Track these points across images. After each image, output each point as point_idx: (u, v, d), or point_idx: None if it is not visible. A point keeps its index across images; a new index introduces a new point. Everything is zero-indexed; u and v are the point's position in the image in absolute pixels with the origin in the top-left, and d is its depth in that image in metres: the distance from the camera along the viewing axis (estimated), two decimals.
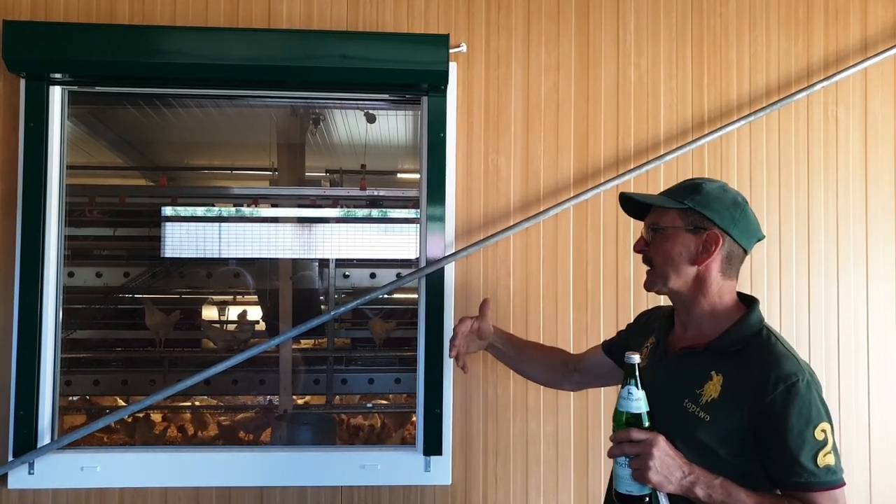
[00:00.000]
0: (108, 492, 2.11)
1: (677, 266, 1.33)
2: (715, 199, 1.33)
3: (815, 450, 1.19)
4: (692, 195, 1.33)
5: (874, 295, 2.31)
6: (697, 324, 1.36)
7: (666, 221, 1.35)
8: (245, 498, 2.15)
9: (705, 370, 1.30)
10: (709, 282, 1.33)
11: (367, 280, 4.63)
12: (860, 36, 2.33)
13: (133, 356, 4.57)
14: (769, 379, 1.21)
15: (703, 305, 1.34)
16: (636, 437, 1.18)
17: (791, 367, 1.23)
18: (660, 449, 1.17)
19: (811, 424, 1.19)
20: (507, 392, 2.21)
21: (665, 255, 1.34)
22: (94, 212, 4.64)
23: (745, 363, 1.26)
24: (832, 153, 2.32)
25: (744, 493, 1.18)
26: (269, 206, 4.53)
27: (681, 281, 1.34)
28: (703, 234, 1.32)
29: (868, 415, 2.29)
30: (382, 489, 2.17)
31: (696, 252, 1.32)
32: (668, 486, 1.17)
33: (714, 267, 1.33)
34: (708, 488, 1.18)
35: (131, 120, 4.28)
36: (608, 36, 2.28)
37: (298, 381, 4.33)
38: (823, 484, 1.19)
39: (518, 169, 2.24)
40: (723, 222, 1.32)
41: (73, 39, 2.05)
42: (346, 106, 3.78)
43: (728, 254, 1.33)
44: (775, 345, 1.28)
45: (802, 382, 1.21)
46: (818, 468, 1.19)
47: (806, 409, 1.20)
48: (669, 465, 1.17)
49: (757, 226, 1.38)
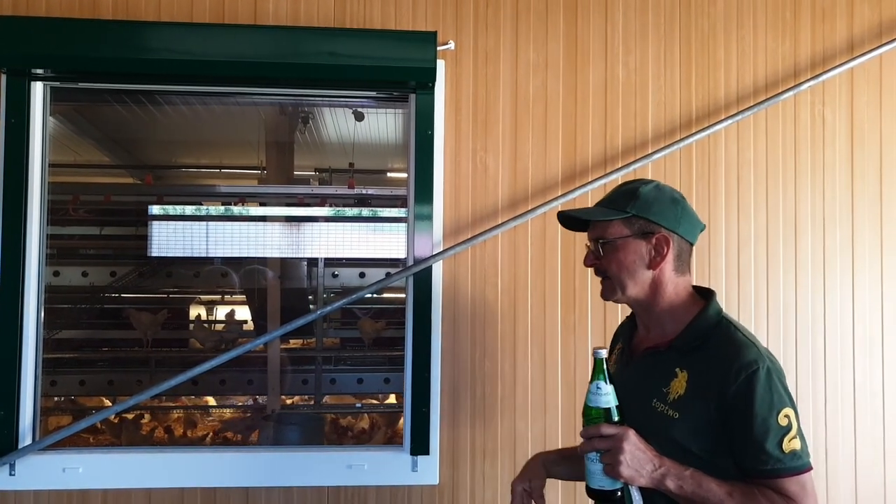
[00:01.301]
0: (91, 493, 2.09)
1: (634, 274, 1.34)
2: (655, 201, 1.34)
3: (780, 436, 1.19)
4: (632, 201, 1.34)
5: (860, 293, 2.32)
6: (659, 323, 1.37)
7: (613, 233, 1.35)
8: (230, 498, 2.13)
9: (670, 368, 1.31)
10: (665, 282, 1.34)
11: (357, 279, 4.61)
12: (846, 36, 2.34)
13: (119, 356, 4.53)
14: (731, 370, 1.22)
15: (661, 305, 1.36)
16: (606, 431, 1.18)
17: (751, 355, 1.24)
18: (630, 443, 1.17)
19: (774, 410, 1.20)
20: (494, 392, 2.20)
21: (620, 264, 1.34)
22: (81, 210, 4.59)
23: (708, 357, 1.27)
24: (819, 152, 2.32)
25: (714, 482, 1.19)
26: (258, 204, 4.50)
27: (638, 287, 1.35)
28: (652, 238, 1.33)
29: (854, 411, 2.30)
30: (369, 489, 2.16)
31: (650, 257, 1.33)
32: (639, 480, 1.18)
33: (668, 268, 1.34)
34: (679, 480, 1.18)
35: (118, 118, 4.24)
36: (596, 34, 2.27)
37: (287, 381, 4.30)
38: (790, 469, 1.19)
39: (506, 167, 2.24)
40: (668, 223, 1.33)
41: (55, 34, 2.02)
42: (334, 104, 3.76)
43: (678, 252, 1.35)
44: (734, 334, 1.29)
45: (763, 370, 1.22)
46: (784, 454, 1.19)
47: (768, 396, 1.20)
48: (640, 459, 1.17)
49: (697, 217, 1.39)
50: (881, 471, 2.29)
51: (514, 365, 2.21)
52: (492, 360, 2.21)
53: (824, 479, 2.27)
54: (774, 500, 1.19)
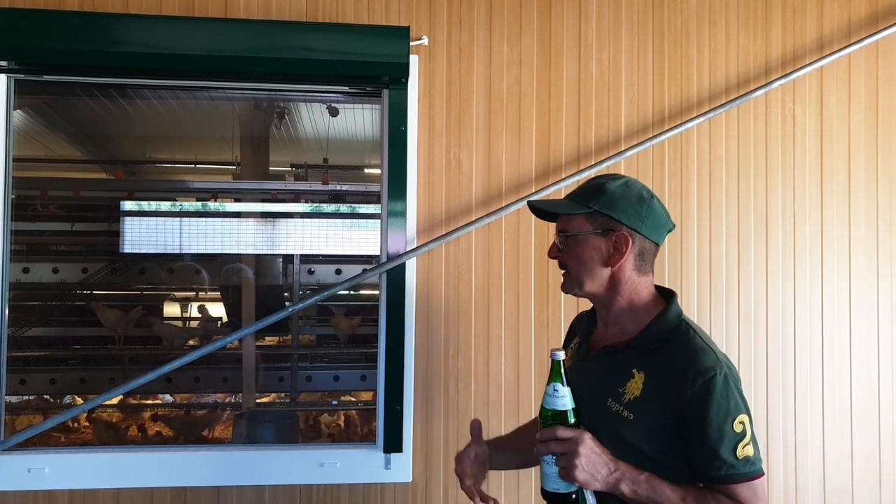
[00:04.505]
0: (58, 494, 2.05)
1: (591, 270, 1.33)
2: (619, 199, 1.32)
3: (735, 442, 1.20)
4: (597, 197, 1.33)
5: (829, 288, 2.35)
6: (618, 322, 1.36)
7: (575, 227, 1.35)
8: (201, 498, 2.10)
9: (627, 368, 1.30)
10: (624, 281, 1.34)
11: (333, 276, 4.58)
12: (816, 35, 2.37)
13: (91, 354, 4.46)
14: (688, 375, 1.22)
15: (621, 304, 1.35)
16: (562, 435, 1.17)
17: (709, 361, 1.24)
18: (586, 447, 1.16)
19: (729, 417, 1.21)
20: (468, 388, 2.20)
21: (578, 259, 1.34)
22: (51, 206, 4.51)
23: (665, 360, 1.27)
24: (789, 150, 2.35)
25: (668, 487, 1.19)
26: (232, 200, 4.46)
27: (596, 283, 1.34)
28: (612, 235, 1.32)
29: (822, 406, 2.33)
30: (342, 487, 2.14)
31: (608, 254, 1.33)
32: (594, 484, 1.17)
33: (627, 266, 1.33)
34: (633, 484, 1.18)
35: (90, 112, 4.16)
36: (570, 31, 2.27)
37: (262, 379, 4.27)
38: (743, 475, 1.20)
39: (480, 163, 2.23)
40: (630, 221, 1.32)
41: (19, 26, 1.97)
42: (308, 99, 3.72)
43: (640, 251, 1.34)
44: (693, 338, 1.29)
45: (720, 376, 1.22)
46: (737, 460, 1.20)
47: (724, 403, 1.21)
48: (595, 463, 1.17)
49: (666, 217, 1.38)
50: (849, 465, 2.33)
51: (487, 362, 2.21)
52: (465, 357, 2.20)
53: (794, 473, 2.30)
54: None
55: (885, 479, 2.34)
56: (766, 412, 2.30)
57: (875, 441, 2.34)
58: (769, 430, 2.30)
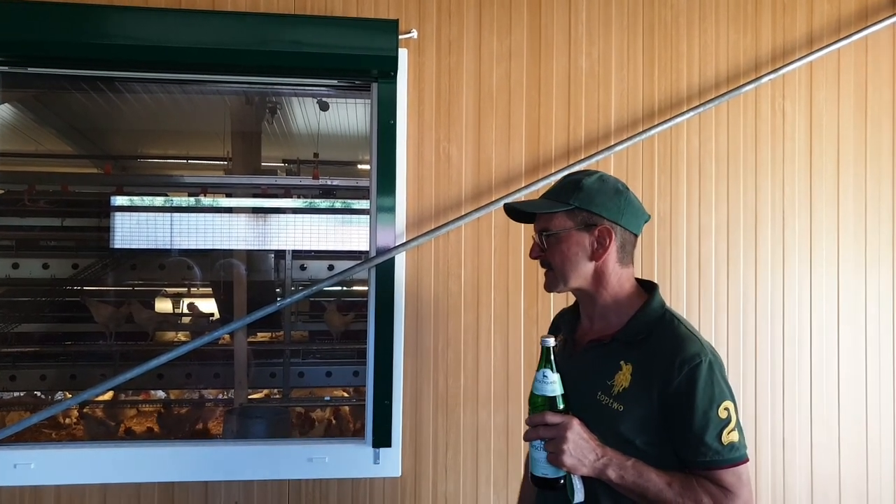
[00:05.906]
0: (44, 490, 2.04)
1: (576, 265, 1.35)
2: (598, 193, 1.34)
3: (720, 428, 1.22)
4: (575, 193, 1.34)
5: (817, 282, 2.35)
6: (603, 315, 1.38)
7: (556, 225, 1.36)
8: (189, 493, 2.09)
9: (614, 361, 1.32)
10: (608, 274, 1.35)
11: (325, 272, 4.57)
12: (806, 30, 2.37)
13: (82, 350, 4.44)
14: (674, 363, 1.24)
15: (605, 297, 1.37)
16: (551, 420, 1.19)
17: (694, 348, 1.25)
18: (574, 432, 1.18)
19: (714, 403, 1.22)
20: (457, 382, 2.19)
21: (562, 256, 1.35)
22: (41, 201, 4.48)
23: (651, 350, 1.28)
24: (779, 145, 2.35)
25: (654, 473, 1.21)
26: (224, 196, 4.44)
27: (581, 279, 1.36)
28: (594, 230, 1.34)
29: (810, 401, 2.34)
30: (331, 482, 2.14)
31: (592, 249, 1.34)
32: (581, 469, 1.19)
33: (611, 259, 1.35)
34: (620, 469, 1.20)
35: (79, 107, 4.14)
36: (560, 25, 2.27)
37: (254, 375, 4.26)
38: (728, 461, 1.22)
39: (469, 157, 2.22)
40: (611, 215, 1.33)
41: (2, 17, 1.95)
42: (298, 93, 3.71)
43: (622, 243, 1.36)
44: (678, 327, 1.30)
45: (705, 363, 1.24)
46: (722, 446, 1.22)
47: (709, 389, 1.22)
48: (583, 448, 1.19)
49: (641, 208, 1.40)
50: (836, 458, 2.34)
51: (476, 356, 2.21)
52: (455, 352, 2.20)
53: (781, 465, 2.31)
54: (711, 490, 1.21)
55: (872, 471, 2.35)
56: (755, 405, 2.31)
57: (862, 433, 2.35)
58: (757, 423, 2.30)
